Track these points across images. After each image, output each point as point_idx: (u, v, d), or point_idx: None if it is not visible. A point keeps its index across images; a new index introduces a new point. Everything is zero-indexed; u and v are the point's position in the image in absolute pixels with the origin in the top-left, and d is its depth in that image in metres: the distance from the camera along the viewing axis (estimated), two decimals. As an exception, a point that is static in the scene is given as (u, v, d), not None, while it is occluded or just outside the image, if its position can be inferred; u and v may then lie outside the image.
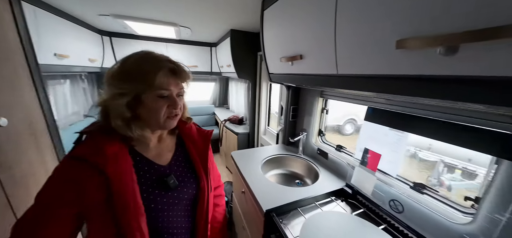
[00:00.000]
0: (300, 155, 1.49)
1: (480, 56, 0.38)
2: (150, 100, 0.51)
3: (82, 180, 0.47)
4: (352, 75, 0.71)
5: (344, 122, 4.46)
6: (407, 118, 0.85)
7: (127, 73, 0.51)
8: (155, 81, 0.50)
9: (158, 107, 0.52)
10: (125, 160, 0.51)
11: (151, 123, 0.55)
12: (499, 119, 0.59)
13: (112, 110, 0.50)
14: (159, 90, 0.51)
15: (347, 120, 4.26)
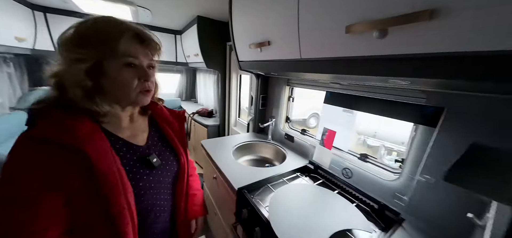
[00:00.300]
0: (270, 141, 1.58)
1: (404, 38, 0.50)
2: (114, 70, 0.46)
3: (57, 166, 0.39)
4: (313, 59, 0.80)
5: (308, 116, 4.87)
6: (356, 99, 1.00)
7: (84, 37, 0.44)
8: (118, 47, 0.45)
9: (126, 79, 0.47)
10: (101, 139, 0.45)
11: (120, 98, 0.49)
12: (416, 95, 0.77)
13: (68, 78, 0.43)
14: (125, 57, 0.46)
15: (311, 114, 4.66)
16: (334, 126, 1.13)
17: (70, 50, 0.44)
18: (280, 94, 1.57)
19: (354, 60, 0.64)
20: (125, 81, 0.47)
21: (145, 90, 0.52)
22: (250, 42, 1.12)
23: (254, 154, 1.56)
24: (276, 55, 1.00)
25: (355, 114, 1.08)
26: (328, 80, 1.15)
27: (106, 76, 0.46)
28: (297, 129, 1.55)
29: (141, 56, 0.49)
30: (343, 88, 1.10)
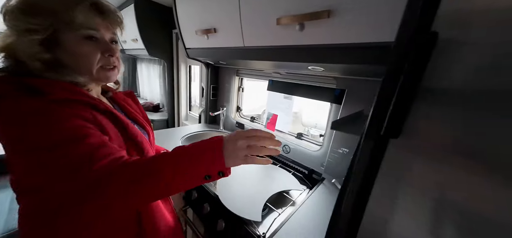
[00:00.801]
0: (221, 130, 1.62)
1: (316, 31, 0.65)
2: (73, 43, 0.43)
3: (87, 118, 0.42)
4: (254, 47, 0.89)
5: (262, 112, 5.20)
6: (292, 85, 1.18)
7: (34, 4, 0.39)
8: (75, 17, 0.41)
9: (87, 53, 0.44)
10: (101, 103, 0.47)
11: (82, 74, 0.46)
12: (330, 81, 1.00)
13: (21, 50, 0.39)
14: (84, 29, 0.43)
15: (264, 111, 5.01)
16: (277, 111, 1.30)
17: (19, 19, 0.39)
18: (231, 84, 1.62)
19: (283, 48, 0.77)
20: (86, 55, 0.44)
21: (110, 67, 0.49)
22: (197, 29, 1.12)
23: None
24: (222, 42, 1.05)
25: (293, 99, 1.27)
26: (270, 69, 1.29)
27: (64, 49, 0.43)
28: (247, 116, 1.65)
29: (102, 28, 0.46)
30: (283, 77, 1.27)
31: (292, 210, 0.75)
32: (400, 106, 0.27)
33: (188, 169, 0.40)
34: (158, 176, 0.38)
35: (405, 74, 0.25)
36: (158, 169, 0.38)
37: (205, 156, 0.40)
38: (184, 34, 1.29)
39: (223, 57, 1.17)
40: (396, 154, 0.30)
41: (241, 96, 1.69)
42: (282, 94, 1.29)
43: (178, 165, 0.39)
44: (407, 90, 0.26)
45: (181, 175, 0.39)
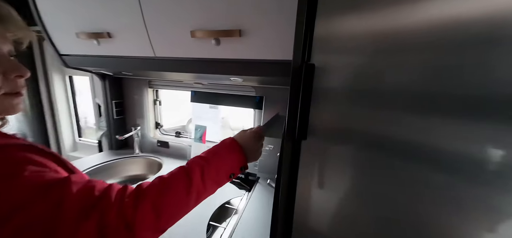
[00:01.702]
0: (138, 154, 1.33)
1: (231, 47, 0.68)
2: None
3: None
4: (167, 58, 0.80)
5: (187, 122, 4.75)
6: (216, 95, 1.18)
7: None
8: None
9: None
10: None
11: None
12: (249, 89, 1.10)
13: None
14: None
15: (190, 120, 4.61)
16: (204, 121, 1.25)
17: None
18: (143, 98, 1.36)
19: (201, 61, 0.75)
20: None
21: (16, 92, 0.36)
22: (78, 30, 0.84)
23: (118, 176, 1.23)
24: (124, 50, 0.86)
25: (219, 108, 1.27)
26: (191, 80, 1.22)
27: None
28: (170, 133, 1.46)
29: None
30: (205, 87, 1.24)
31: (237, 219, 0.76)
32: (304, 114, 0.35)
33: (215, 172, 0.44)
34: (190, 188, 0.40)
35: (303, 90, 0.33)
36: (189, 181, 0.40)
37: (230, 156, 0.46)
38: (55, 35, 0.92)
39: (127, 68, 0.96)
40: (307, 149, 0.39)
41: (159, 110, 1.47)
42: (207, 104, 1.26)
43: (204, 170, 0.42)
44: (305, 101, 0.34)
45: (210, 179, 0.43)
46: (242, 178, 1.10)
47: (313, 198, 0.39)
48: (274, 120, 0.68)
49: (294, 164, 0.39)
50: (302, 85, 0.34)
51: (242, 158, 0.47)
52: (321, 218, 0.40)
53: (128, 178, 1.25)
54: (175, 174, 0.41)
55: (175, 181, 0.40)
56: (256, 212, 0.82)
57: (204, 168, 0.42)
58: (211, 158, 0.44)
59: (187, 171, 0.41)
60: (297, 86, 0.35)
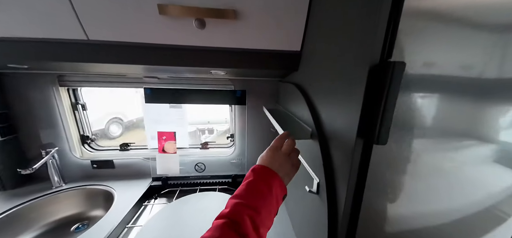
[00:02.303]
0: (61, 187, 0.91)
1: (222, 31, 0.55)
2: None
3: None
4: (113, 43, 0.54)
5: (106, 124, 3.60)
6: (180, 92, 0.95)
7: None
8: None
9: None
10: None
11: None
12: (225, 83, 0.97)
13: None
14: None
15: (111, 120, 3.50)
16: (166, 125, 1.00)
17: None
18: (50, 103, 0.90)
19: (174, 49, 0.57)
20: None
21: None
22: None
23: (32, 228, 0.80)
24: (15, 28, 0.50)
25: (185, 108, 1.05)
26: (140, 73, 0.91)
27: None
28: (110, 146, 1.08)
29: None
30: (163, 82, 0.97)
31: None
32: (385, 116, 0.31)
33: (266, 216, 0.35)
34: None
35: (388, 89, 0.29)
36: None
37: (274, 191, 0.37)
38: None
39: (20, 57, 0.58)
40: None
41: (84, 116, 1.03)
42: (167, 104, 1.01)
43: (255, 220, 0.33)
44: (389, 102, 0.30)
45: (263, 227, 0.34)
46: (229, 183, 1.01)
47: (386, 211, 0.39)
48: (284, 121, 0.63)
49: (362, 172, 0.36)
50: (389, 87, 0.29)
51: (283, 187, 0.39)
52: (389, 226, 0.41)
53: (53, 225, 0.85)
54: (225, 237, 0.30)
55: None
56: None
57: (254, 218, 0.33)
58: (256, 201, 0.35)
59: (235, 227, 0.32)
60: (376, 87, 0.30)
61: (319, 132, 0.47)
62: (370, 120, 0.32)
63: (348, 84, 0.37)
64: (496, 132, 0.39)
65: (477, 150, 0.39)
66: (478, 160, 0.40)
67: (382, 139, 0.32)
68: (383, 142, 0.32)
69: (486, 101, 0.37)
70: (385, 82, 0.29)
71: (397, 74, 0.29)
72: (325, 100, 0.46)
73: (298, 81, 0.66)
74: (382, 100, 0.30)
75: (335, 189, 0.41)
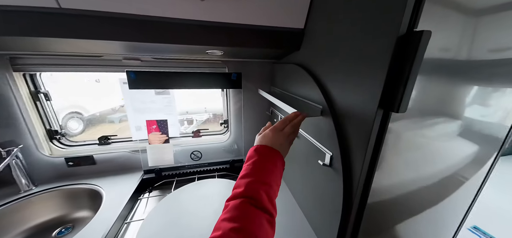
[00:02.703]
0: (30, 191, 0.78)
1: (219, 5, 0.50)
2: None
3: None
4: (92, 13, 0.46)
5: (63, 119, 3.11)
6: (168, 76, 0.85)
7: None
8: None
9: None
10: None
11: None
12: (218, 65, 0.91)
13: None
14: None
15: (68, 116, 3.03)
16: (153, 114, 0.92)
17: None
18: (3, 93, 0.74)
19: (173, 23, 0.52)
20: None
21: None
22: None
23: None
24: None
25: (173, 93, 0.97)
26: (119, 54, 0.80)
27: None
28: (87, 141, 0.95)
29: None
30: (146, 64, 0.87)
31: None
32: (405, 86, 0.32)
33: (276, 189, 0.39)
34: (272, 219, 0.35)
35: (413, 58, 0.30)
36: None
37: (278, 167, 0.41)
38: None
39: None
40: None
41: (49, 107, 0.88)
42: (152, 91, 0.91)
43: (270, 194, 0.37)
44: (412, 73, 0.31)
45: (275, 198, 0.38)
46: (228, 168, 1.00)
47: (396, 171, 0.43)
48: (289, 102, 0.62)
49: (378, 141, 0.39)
50: (414, 57, 0.30)
51: (283, 162, 0.44)
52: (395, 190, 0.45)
53: (29, 232, 0.74)
54: (247, 213, 0.33)
55: (256, 220, 0.33)
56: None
57: (268, 192, 0.37)
58: (267, 177, 0.39)
59: (255, 203, 0.35)
60: (400, 57, 0.32)
61: (331, 108, 0.48)
62: (393, 90, 0.34)
63: (368, 58, 0.37)
64: (462, 109, 0.45)
65: (445, 126, 0.45)
66: (446, 134, 0.46)
67: (403, 107, 0.34)
68: (403, 110, 0.34)
69: (456, 81, 0.41)
70: (411, 51, 0.31)
71: (423, 43, 0.30)
72: (338, 76, 0.47)
73: (300, 61, 0.65)
74: (406, 69, 0.32)
75: (350, 160, 0.44)
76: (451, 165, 0.52)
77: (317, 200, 0.60)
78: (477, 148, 0.54)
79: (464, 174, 0.57)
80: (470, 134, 0.50)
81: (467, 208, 0.68)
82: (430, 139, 0.44)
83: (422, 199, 0.53)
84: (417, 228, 0.59)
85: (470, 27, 0.36)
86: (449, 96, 0.42)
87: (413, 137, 0.42)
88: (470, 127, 0.48)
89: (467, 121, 0.47)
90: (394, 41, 0.31)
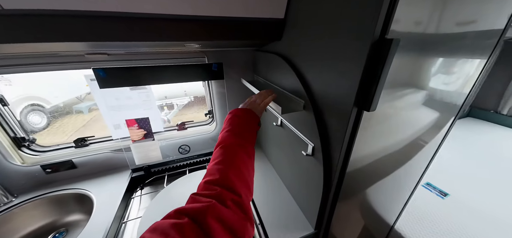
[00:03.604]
0: (11, 203, 0.75)
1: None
2: None
3: None
4: (39, 12, 0.40)
5: (21, 114, 2.72)
6: (143, 71, 0.78)
7: None
8: None
9: None
10: None
11: None
12: (197, 56, 0.86)
13: None
14: None
15: (27, 109, 2.64)
16: (132, 111, 0.87)
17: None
18: None
19: (148, 18, 0.47)
20: None
21: None
22: None
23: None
24: None
25: (150, 88, 0.91)
26: (80, 50, 0.71)
27: None
28: (59, 145, 0.89)
29: None
30: (114, 59, 0.79)
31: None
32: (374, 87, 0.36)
33: (248, 135, 0.46)
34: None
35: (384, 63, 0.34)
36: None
37: (252, 122, 0.50)
38: None
39: None
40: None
41: (8, 113, 0.79)
42: (127, 87, 0.85)
43: (242, 140, 0.44)
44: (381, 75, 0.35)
45: (250, 141, 0.45)
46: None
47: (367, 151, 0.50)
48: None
49: (353, 135, 0.44)
50: (384, 62, 0.33)
51: (258, 117, 0.52)
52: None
53: (19, 245, 0.73)
54: (228, 150, 0.42)
55: (237, 156, 0.41)
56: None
57: (242, 142, 0.44)
58: (237, 127, 0.47)
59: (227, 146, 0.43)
60: (373, 59, 0.35)
61: (313, 102, 0.51)
62: (366, 91, 0.38)
63: (346, 59, 0.39)
64: (428, 80, 0.49)
65: (413, 96, 0.49)
66: (412, 104, 0.51)
67: (373, 106, 0.38)
68: (373, 109, 0.39)
69: (425, 55, 0.43)
70: (382, 56, 0.34)
71: (393, 50, 0.33)
72: (318, 71, 0.49)
73: (282, 51, 0.65)
74: (378, 73, 0.35)
75: (330, 150, 0.49)
76: (415, 131, 0.58)
77: (302, 183, 0.67)
78: (438, 115, 0.61)
79: (424, 139, 0.65)
80: (433, 102, 0.55)
81: (424, 168, 0.81)
82: (398, 110, 0.49)
83: (390, 163, 0.61)
84: (385, 187, 0.69)
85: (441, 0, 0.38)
86: (418, 68, 0.45)
87: (385, 110, 0.45)
88: (433, 95, 0.53)
89: (431, 90, 0.52)
90: (368, 47, 0.34)
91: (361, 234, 0.81)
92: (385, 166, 0.61)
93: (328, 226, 0.62)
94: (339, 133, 0.45)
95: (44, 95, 2.72)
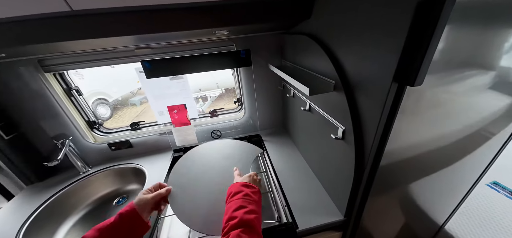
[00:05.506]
0: (88, 172, 0.96)
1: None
2: None
3: None
4: (101, 11, 0.47)
5: (92, 104, 3.35)
6: (179, 61, 0.86)
7: None
8: None
9: None
10: None
11: None
12: (226, 44, 0.90)
13: None
14: None
15: (96, 102, 3.24)
16: (170, 99, 0.98)
17: None
18: (41, 93, 0.84)
19: (178, 9, 0.50)
20: None
21: None
22: None
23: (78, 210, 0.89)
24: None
25: (186, 77, 0.99)
26: (131, 45, 0.82)
27: None
28: (119, 128, 1.08)
29: None
30: (156, 52, 0.89)
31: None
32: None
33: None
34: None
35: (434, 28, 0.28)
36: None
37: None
38: None
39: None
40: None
41: (83, 102, 0.98)
42: (168, 77, 0.95)
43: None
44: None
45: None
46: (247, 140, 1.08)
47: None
48: (300, 77, 0.61)
49: (391, 114, 0.39)
50: (435, 26, 0.28)
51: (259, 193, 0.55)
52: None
53: (96, 203, 0.93)
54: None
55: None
56: (287, 166, 0.88)
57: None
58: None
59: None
60: (420, 24, 0.30)
61: (344, 81, 0.48)
62: (410, 62, 0.32)
63: (387, 23, 0.34)
64: (498, 58, 0.40)
65: (476, 79, 0.41)
66: (475, 88, 0.42)
67: (419, 80, 0.32)
68: (419, 83, 0.33)
69: (492, 25, 0.35)
70: (431, 20, 0.28)
71: (446, 11, 0.27)
72: (351, 45, 0.45)
73: (312, 31, 0.62)
74: (426, 38, 0.29)
75: (362, 133, 0.46)
76: (477, 121, 0.49)
77: (331, 168, 0.65)
78: (510, 101, 0.49)
79: (490, 130, 0.54)
80: (504, 86, 0.45)
81: (487, 165, 0.67)
82: (456, 95, 0.41)
83: (441, 156, 0.53)
84: (433, 183, 0.60)
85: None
86: (483, 43, 0.36)
87: (438, 94, 0.39)
88: (505, 77, 0.43)
89: (502, 71, 0.42)
90: (414, 8, 0.29)
91: (400, 230, 0.74)
92: (435, 159, 0.53)
93: (359, 216, 0.59)
94: (374, 113, 0.41)
95: (106, 90, 3.30)
